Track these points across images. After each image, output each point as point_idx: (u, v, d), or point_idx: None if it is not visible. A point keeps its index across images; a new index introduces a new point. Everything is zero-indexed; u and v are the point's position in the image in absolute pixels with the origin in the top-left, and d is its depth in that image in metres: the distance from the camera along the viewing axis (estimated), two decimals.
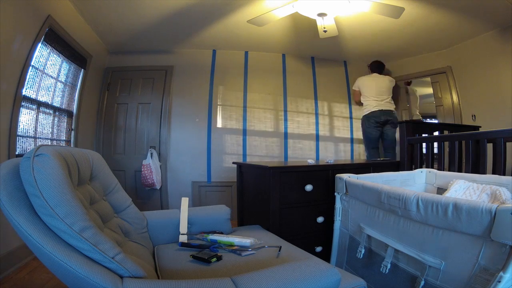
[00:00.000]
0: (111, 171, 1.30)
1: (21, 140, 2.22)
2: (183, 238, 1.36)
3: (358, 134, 4.09)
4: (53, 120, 2.73)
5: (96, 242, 0.75)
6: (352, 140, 4.05)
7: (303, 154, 3.76)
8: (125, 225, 1.24)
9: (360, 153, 4.02)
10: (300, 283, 0.76)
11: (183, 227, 1.39)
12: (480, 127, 2.59)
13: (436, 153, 2.12)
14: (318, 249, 1.88)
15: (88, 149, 1.21)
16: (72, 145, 2.96)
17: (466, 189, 1.43)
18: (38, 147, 0.80)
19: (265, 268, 0.83)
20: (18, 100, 2.08)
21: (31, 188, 0.73)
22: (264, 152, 3.67)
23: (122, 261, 0.77)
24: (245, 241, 1.28)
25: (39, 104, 2.46)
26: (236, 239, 1.29)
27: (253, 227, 1.65)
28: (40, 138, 2.52)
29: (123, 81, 3.61)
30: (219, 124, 3.68)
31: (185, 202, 1.45)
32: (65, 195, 0.76)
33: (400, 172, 1.79)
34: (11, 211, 0.73)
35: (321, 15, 2.33)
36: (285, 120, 3.83)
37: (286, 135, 3.82)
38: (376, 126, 3.34)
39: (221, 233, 1.43)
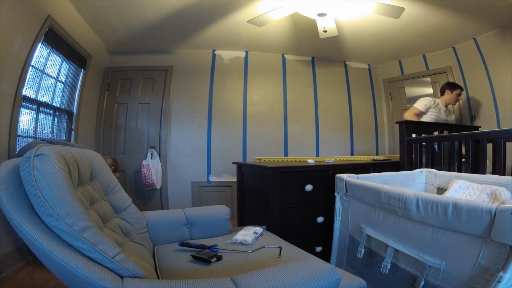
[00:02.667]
0: (111, 171, 1.30)
1: (21, 140, 2.22)
2: None
3: (358, 134, 4.09)
4: (53, 120, 2.73)
5: (96, 242, 0.75)
6: (352, 140, 4.06)
7: (303, 154, 3.76)
8: (125, 225, 1.24)
9: (360, 153, 4.01)
10: (300, 283, 0.76)
11: None
12: (480, 127, 2.59)
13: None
14: (318, 249, 1.88)
15: (88, 149, 1.21)
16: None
17: (466, 189, 1.43)
18: (38, 147, 0.80)
19: (265, 268, 0.83)
20: (18, 100, 2.08)
21: (31, 188, 0.73)
22: (264, 152, 3.67)
23: (122, 261, 0.77)
24: (247, 238, 1.33)
25: (39, 104, 2.46)
26: (240, 237, 1.35)
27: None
28: (40, 138, 2.52)
29: (123, 81, 3.61)
30: (219, 124, 3.68)
31: None
32: (65, 195, 0.75)
33: (400, 172, 1.79)
34: (11, 211, 0.73)
35: (321, 15, 2.33)
36: (285, 120, 3.83)
37: (286, 135, 3.82)
38: None
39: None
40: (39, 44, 2.26)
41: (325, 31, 2.56)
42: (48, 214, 0.73)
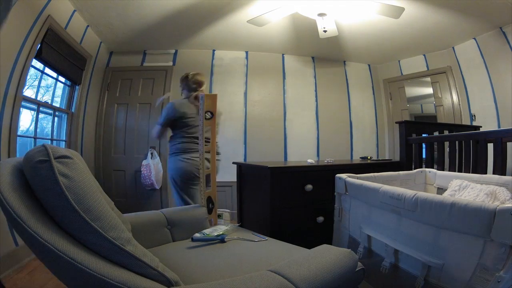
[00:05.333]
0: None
1: (21, 140, 2.22)
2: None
3: (358, 134, 4.09)
4: (53, 120, 2.73)
5: (141, 254, 0.67)
6: (352, 140, 4.06)
7: (303, 154, 3.76)
8: None
9: (361, 153, 4.02)
10: (332, 265, 0.82)
11: None
12: (481, 127, 2.59)
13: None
14: None
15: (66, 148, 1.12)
16: (71, 145, 2.96)
17: (465, 189, 1.43)
18: (51, 148, 0.67)
19: (272, 260, 0.85)
20: (18, 100, 2.08)
21: (59, 199, 0.60)
22: (264, 152, 3.67)
23: (164, 270, 0.71)
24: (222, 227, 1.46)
25: (39, 104, 2.46)
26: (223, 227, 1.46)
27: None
28: (40, 138, 2.52)
29: (123, 81, 3.61)
30: (219, 124, 3.67)
31: None
32: (101, 205, 0.66)
33: (400, 172, 1.79)
34: (38, 231, 0.59)
35: (321, 15, 2.34)
36: (285, 120, 3.83)
37: (286, 135, 3.82)
38: None
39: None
40: (39, 44, 2.26)
41: (325, 31, 2.56)
42: (85, 229, 0.61)
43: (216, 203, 1.81)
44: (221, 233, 1.38)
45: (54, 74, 2.69)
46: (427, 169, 1.81)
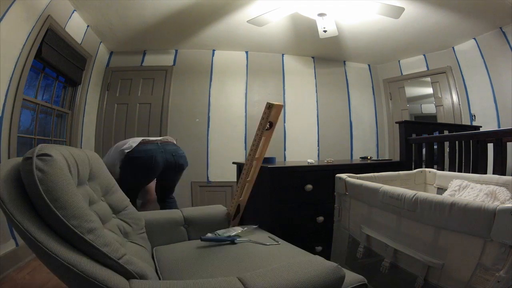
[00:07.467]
0: (109, 172, 1.29)
1: (21, 140, 2.22)
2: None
3: (358, 134, 4.09)
4: (53, 120, 2.73)
5: (101, 244, 0.73)
6: (352, 140, 4.06)
7: (303, 154, 3.76)
8: (123, 225, 1.23)
9: (360, 153, 4.02)
10: (307, 281, 0.77)
11: None
12: (481, 127, 2.59)
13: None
14: (318, 249, 1.88)
15: (86, 149, 1.20)
16: (71, 145, 2.96)
17: (465, 189, 1.43)
18: (40, 147, 0.78)
19: (268, 266, 0.83)
20: (18, 100, 2.08)
21: (34, 190, 0.71)
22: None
23: (127, 263, 0.76)
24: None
25: (39, 104, 2.46)
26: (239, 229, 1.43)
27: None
28: (40, 138, 2.52)
29: (123, 81, 3.61)
30: (219, 124, 3.68)
31: None
32: (69, 196, 0.73)
33: (400, 172, 1.79)
34: (13, 213, 0.71)
35: (321, 15, 2.34)
36: (285, 120, 3.83)
37: (285, 135, 3.82)
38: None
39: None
40: (39, 44, 2.26)
41: (325, 31, 2.56)
42: (51, 216, 0.71)
43: (241, 211, 1.73)
44: (233, 234, 1.36)
45: (54, 74, 2.69)
46: (427, 169, 1.81)
